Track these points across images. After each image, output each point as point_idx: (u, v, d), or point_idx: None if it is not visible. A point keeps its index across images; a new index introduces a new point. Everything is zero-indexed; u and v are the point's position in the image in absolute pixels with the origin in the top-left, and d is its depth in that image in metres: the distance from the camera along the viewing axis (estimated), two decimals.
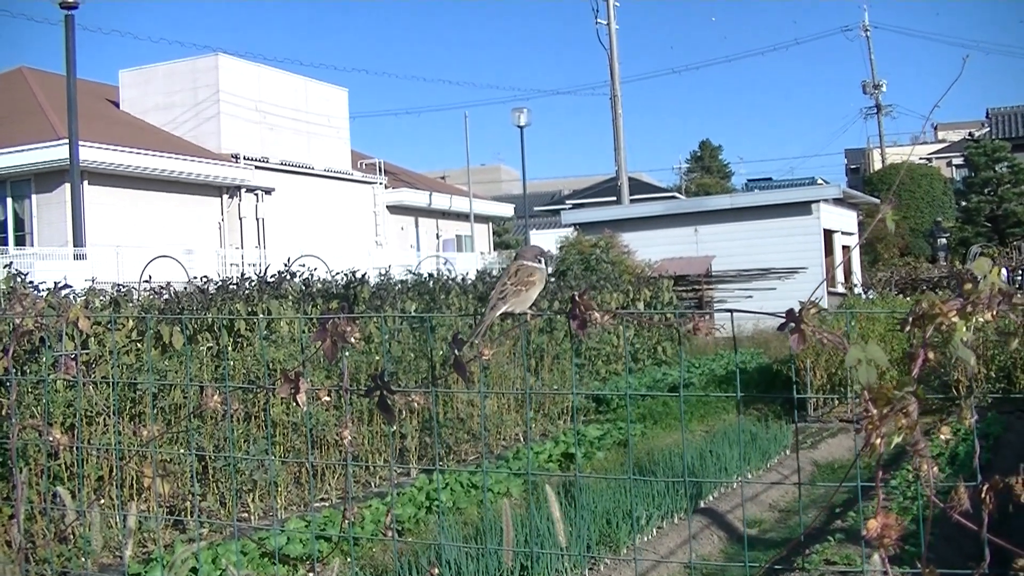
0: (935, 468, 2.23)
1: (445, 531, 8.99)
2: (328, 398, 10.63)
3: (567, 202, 66.00)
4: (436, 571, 3.37)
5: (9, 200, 32.49)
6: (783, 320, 2.23)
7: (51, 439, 3.74)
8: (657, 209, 35.69)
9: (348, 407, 11.51)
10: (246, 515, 10.59)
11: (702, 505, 10.67)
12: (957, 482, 2.25)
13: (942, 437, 2.40)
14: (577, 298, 2.57)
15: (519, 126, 50.49)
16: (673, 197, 60.11)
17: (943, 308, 2.06)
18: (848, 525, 9.37)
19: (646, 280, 26.26)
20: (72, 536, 9.11)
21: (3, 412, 9.82)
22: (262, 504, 10.51)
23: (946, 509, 2.23)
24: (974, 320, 2.08)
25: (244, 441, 10.80)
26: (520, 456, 12.62)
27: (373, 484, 12.02)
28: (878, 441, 2.06)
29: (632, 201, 42.93)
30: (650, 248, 30.64)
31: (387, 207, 45.26)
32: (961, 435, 11.56)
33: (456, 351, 2.85)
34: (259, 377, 11.13)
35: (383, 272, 17.45)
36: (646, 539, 9.34)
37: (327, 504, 11.20)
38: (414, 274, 18.18)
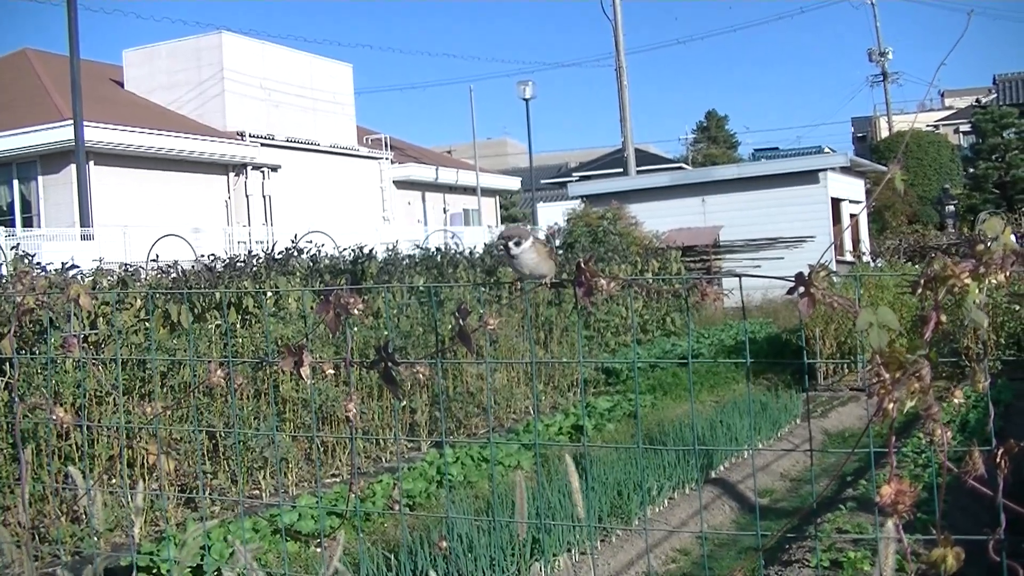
0: (948, 434, 2.20)
1: (456, 505, 8.98)
2: (333, 371, 10.61)
3: (574, 174, 65.87)
4: (445, 544, 3.35)
5: (16, 182, 32.46)
6: (792, 284, 2.20)
7: (55, 418, 3.72)
8: (664, 180, 35.62)
9: (353, 380, 11.50)
10: (257, 492, 10.59)
11: (713, 476, 10.66)
12: (971, 447, 2.22)
13: (955, 401, 2.37)
14: (583, 265, 2.53)
15: (524, 99, 50.43)
16: (680, 168, 59.93)
17: (955, 270, 2.03)
18: (859, 494, 9.35)
19: (654, 251, 26.24)
20: (83, 516, 9.12)
21: (10, 393, 9.83)
22: (273, 481, 10.51)
23: (960, 475, 2.20)
24: (987, 282, 2.05)
25: (254, 418, 10.80)
26: (530, 429, 12.61)
27: (384, 459, 12.02)
28: (891, 406, 2.03)
29: (639, 172, 42.82)
30: (657, 219, 30.55)
31: (394, 182, 45.21)
32: (972, 402, 11.53)
33: (461, 321, 2.82)
34: (267, 354, 11.11)
35: (391, 247, 17.43)
36: (657, 510, 9.33)
37: (338, 480, 11.20)
38: (422, 249, 18.16)
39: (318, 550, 8.46)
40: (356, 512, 8.53)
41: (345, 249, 16.07)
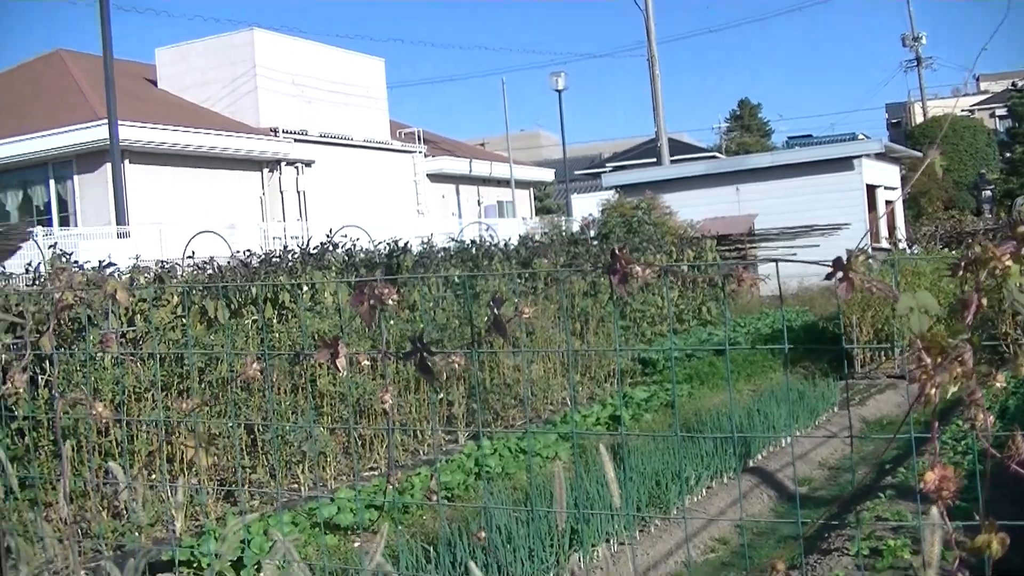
0: (991, 419, 2.19)
1: (494, 496, 8.99)
2: (369, 363, 10.62)
3: (607, 165, 65.69)
4: (483, 535, 3.34)
5: (52, 182, 32.60)
6: (830, 269, 2.19)
7: (94, 413, 3.73)
8: (698, 169, 35.55)
9: (389, 373, 11.52)
10: (296, 486, 10.63)
11: (751, 465, 10.63)
12: (1012, 432, 2.20)
13: (997, 385, 2.36)
14: (617, 252, 2.52)
15: (557, 90, 50.36)
16: (713, 157, 59.69)
17: (996, 252, 2.01)
18: (898, 481, 9.32)
19: (689, 241, 26.17)
20: (125, 511, 9.18)
21: (50, 391, 9.90)
22: (311, 475, 10.55)
23: (1003, 460, 2.18)
24: None
25: (292, 413, 10.84)
26: (567, 420, 12.60)
27: (422, 452, 12.03)
28: (933, 391, 2.02)
29: (672, 162, 42.73)
30: (692, 208, 30.46)
31: (427, 175, 45.19)
32: (1011, 388, 11.47)
33: (496, 310, 2.81)
34: (304, 348, 11.14)
35: (425, 240, 17.45)
36: (695, 499, 9.32)
37: (376, 473, 11.22)
38: (457, 241, 18.18)
39: (357, 543, 8.49)
40: (394, 504, 8.55)
41: (380, 243, 16.10)
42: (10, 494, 4.45)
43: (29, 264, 12.20)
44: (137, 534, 8.99)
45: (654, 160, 45.78)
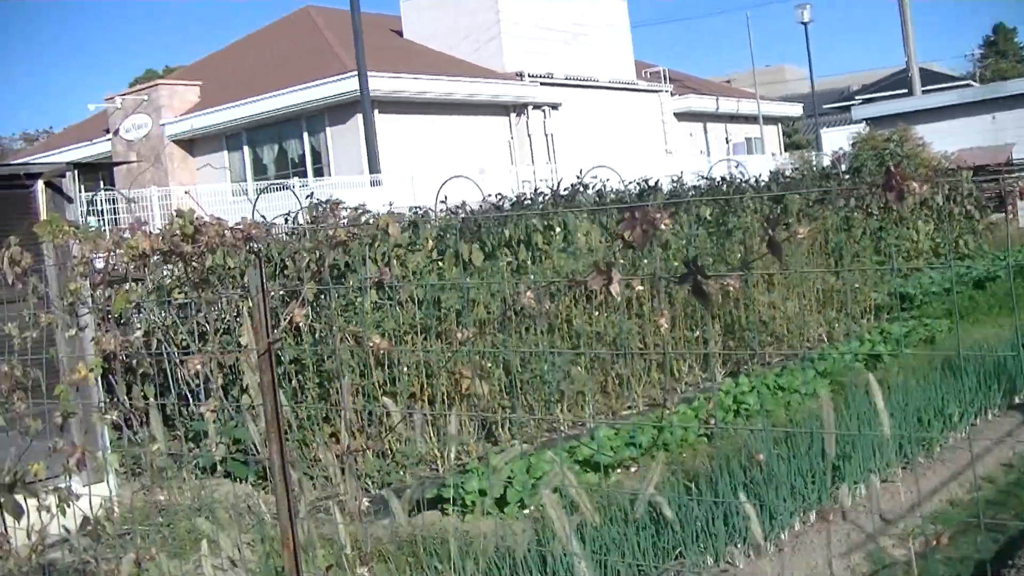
0: None
1: (753, 434, 8.92)
2: (641, 287, 10.61)
3: (856, 98, 64.20)
4: (761, 456, 3.30)
5: (305, 135, 33.46)
6: None
7: (371, 344, 3.83)
8: (950, 99, 34.47)
9: (660, 295, 11.53)
10: (556, 425, 10.73)
11: (1016, 401, 10.26)
12: None
13: None
14: (892, 169, 2.44)
15: (803, 23, 49.41)
16: (967, 85, 57.70)
17: None
18: None
19: (943, 172, 25.40)
20: (389, 451, 9.42)
21: (314, 335, 10.19)
22: (571, 414, 10.62)
23: None
24: None
25: (549, 353, 10.92)
26: (824, 357, 12.39)
27: (680, 390, 12.00)
28: None
29: (923, 92, 41.50)
30: (945, 139, 29.50)
31: (674, 114, 44.84)
32: None
33: (771, 231, 2.76)
34: (559, 289, 11.21)
35: (675, 179, 17.34)
36: (959, 436, 9.06)
37: (634, 412, 11.24)
38: (706, 179, 18.01)
39: (616, 480, 8.54)
40: (671, 427, 8.55)
41: (630, 183, 16.06)
42: (289, 430, 4.59)
43: (287, 214, 12.59)
44: (402, 473, 9.23)
45: (905, 91, 44.48)
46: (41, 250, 6.50)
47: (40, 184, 9.88)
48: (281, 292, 9.32)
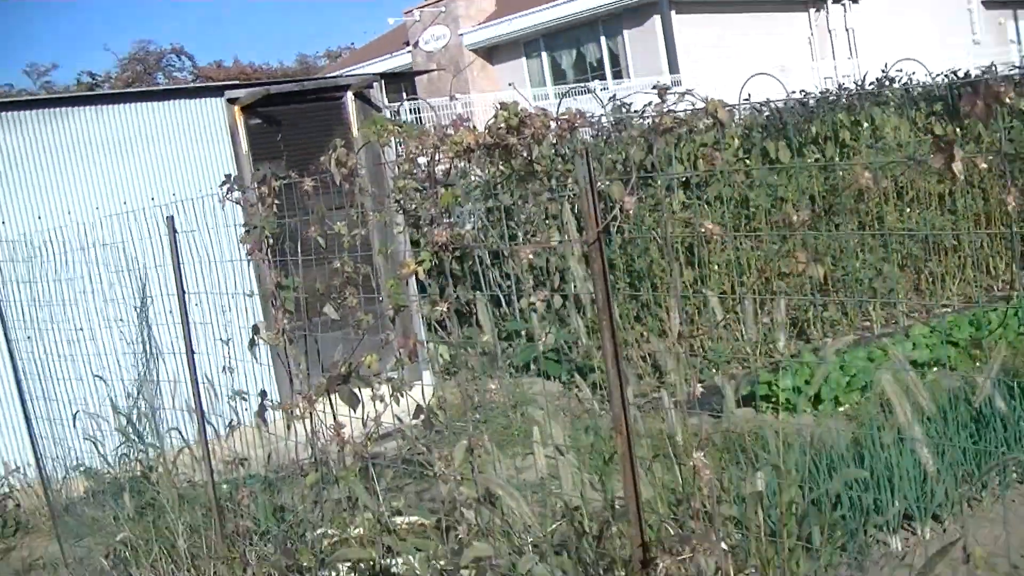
0: None
1: None
2: (985, 165, 10.30)
3: None
4: None
5: (603, 39, 33.43)
6: None
7: (703, 229, 3.86)
8: None
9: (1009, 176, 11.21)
10: (868, 323, 10.58)
11: None
12: None
13: None
14: None
15: None
16: None
17: None
18: None
19: None
20: (701, 348, 9.46)
21: (623, 236, 10.28)
22: (883, 312, 10.46)
23: None
24: None
25: (860, 251, 10.76)
26: None
27: (995, 288, 11.64)
28: None
29: None
30: None
31: (982, 3, 43.05)
32: None
33: None
34: (868, 188, 10.98)
35: (985, 70, 16.69)
36: None
37: (948, 310, 10.97)
38: (1020, 68, 17.29)
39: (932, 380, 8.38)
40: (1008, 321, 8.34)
41: (938, 75, 15.54)
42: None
43: (591, 114, 12.67)
44: (713, 371, 9.27)
45: None
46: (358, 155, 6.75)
47: (349, 95, 10.28)
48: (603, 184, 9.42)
